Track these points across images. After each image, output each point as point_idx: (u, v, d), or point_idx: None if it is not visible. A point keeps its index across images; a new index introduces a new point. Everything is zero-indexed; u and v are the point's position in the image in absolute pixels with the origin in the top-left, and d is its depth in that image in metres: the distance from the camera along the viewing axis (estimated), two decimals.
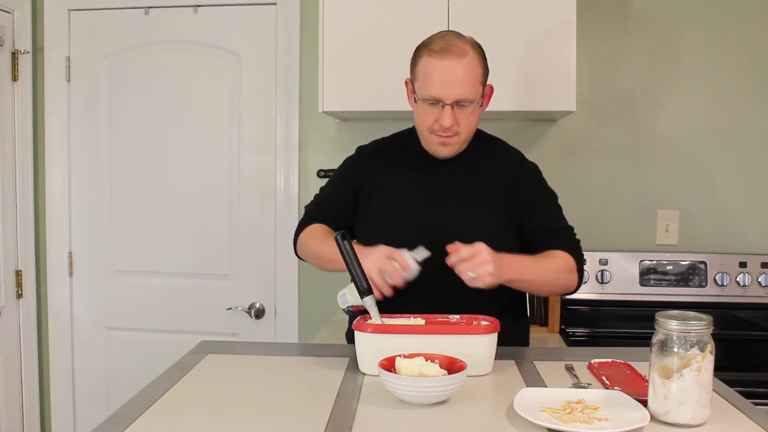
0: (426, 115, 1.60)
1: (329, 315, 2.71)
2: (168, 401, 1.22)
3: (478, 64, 1.58)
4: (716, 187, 2.61)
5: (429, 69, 1.56)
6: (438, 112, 1.57)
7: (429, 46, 1.58)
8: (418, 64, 1.60)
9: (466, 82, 1.55)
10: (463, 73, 1.55)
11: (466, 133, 1.62)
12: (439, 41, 1.58)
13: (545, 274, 1.58)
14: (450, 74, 1.55)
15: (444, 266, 1.56)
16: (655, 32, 2.59)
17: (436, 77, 1.55)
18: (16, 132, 2.71)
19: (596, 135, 2.63)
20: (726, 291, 2.48)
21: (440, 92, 1.55)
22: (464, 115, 1.58)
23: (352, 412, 1.16)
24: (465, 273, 1.42)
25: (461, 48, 1.56)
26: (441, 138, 1.61)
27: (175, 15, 2.73)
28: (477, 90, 1.58)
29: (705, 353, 1.07)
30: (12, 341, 2.72)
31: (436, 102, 1.56)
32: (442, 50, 1.55)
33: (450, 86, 1.55)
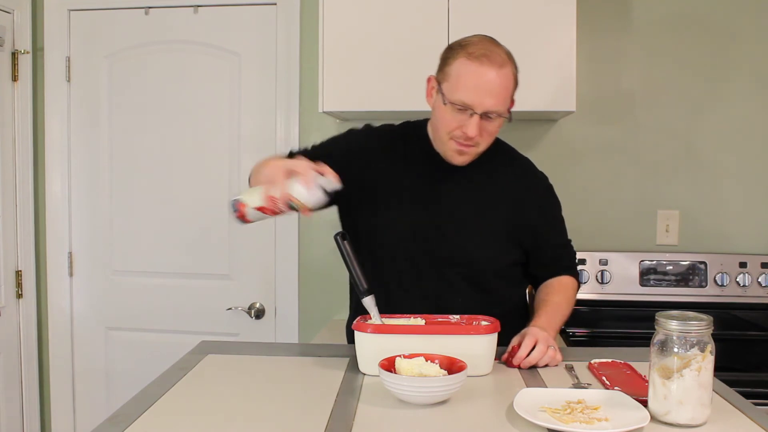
0: (450, 120, 1.52)
1: (329, 315, 2.71)
2: (168, 401, 1.22)
3: (512, 77, 1.53)
4: (716, 187, 2.61)
5: (464, 73, 1.48)
6: (464, 119, 1.50)
7: (467, 49, 1.50)
8: (451, 65, 1.51)
9: (499, 94, 1.49)
10: (499, 83, 1.49)
11: (486, 144, 1.57)
12: (479, 45, 1.50)
13: (567, 311, 1.65)
14: (486, 82, 1.47)
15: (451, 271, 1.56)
16: (655, 32, 2.59)
17: (471, 83, 1.48)
18: (16, 132, 2.71)
19: (596, 135, 2.63)
20: (726, 291, 2.48)
21: (472, 100, 1.48)
22: (489, 126, 1.52)
23: (352, 412, 1.16)
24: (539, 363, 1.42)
25: (501, 57, 1.49)
26: (460, 146, 1.54)
27: (175, 15, 2.73)
28: (506, 103, 1.52)
29: (705, 353, 1.07)
30: (12, 341, 2.72)
31: (464, 108, 1.49)
32: (483, 56, 1.47)
33: (483, 95, 1.47)
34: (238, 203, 1.40)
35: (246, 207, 1.39)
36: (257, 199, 1.37)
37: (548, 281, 1.69)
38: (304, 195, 1.34)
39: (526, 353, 1.40)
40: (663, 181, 2.62)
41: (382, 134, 1.72)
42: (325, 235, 2.67)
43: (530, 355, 1.40)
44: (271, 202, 1.35)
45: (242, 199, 1.40)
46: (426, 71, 2.29)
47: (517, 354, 1.41)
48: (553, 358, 1.42)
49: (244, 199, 1.40)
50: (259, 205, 1.37)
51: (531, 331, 1.45)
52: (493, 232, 1.62)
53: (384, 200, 1.64)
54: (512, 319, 1.55)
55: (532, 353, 1.40)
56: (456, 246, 1.60)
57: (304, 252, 2.73)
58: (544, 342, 1.42)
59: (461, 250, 1.60)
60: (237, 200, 1.40)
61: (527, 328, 1.48)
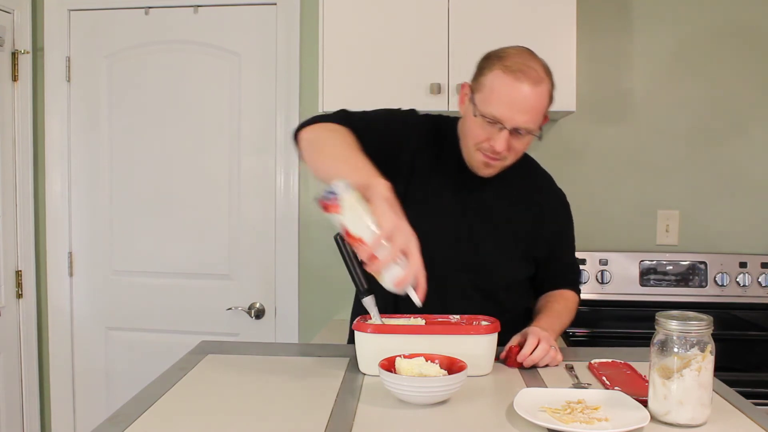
0: (479, 131, 1.48)
1: (329, 315, 2.71)
2: (168, 401, 1.22)
3: (547, 95, 1.48)
4: (716, 187, 2.61)
5: (499, 86, 1.44)
6: (493, 132, 1.46)
7: (504, 61, 1.45)
8: (487, 76, 1.46)
9: (532, 111, 1.44)
10: (534, 101, 1.44)
11: (513, 159, 1.53)
12: (516, 58, 1.45)
13: (567, 320, 1.65)
14: (520, 99, 1.43)
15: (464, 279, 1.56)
16: (655, 32, 2.59)
17: (504, 97, 1.43)
18: (16, 132, 2.71)
19: (596, 135, 2.63)
20: (726, 291, 2.48)
21: (503, 114, 1.43)
22: (518, 142, 1.48)
23: (352, 412, 1.16)
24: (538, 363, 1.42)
25: (538, 74, 1.44)
26: (487, 158, 1.51)
27: (175, 15, 2.73)
28: (539, 121, 1.48)
29: (705, 353, 1.07)
30: (12, 341, 2.72)
31: (494, 122, 1.45)
32: (519, 71, 1.43)
33: (516, 111, 1.43)
34: (335, 199, 1.18)
35: (341, 215, 1.19)
36: (355, 225, 1.18)
37: (550, 292, 1.70)
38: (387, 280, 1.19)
39: (530, 351, 1.40)
40: (663, 181, 2.62)
41: (429, 127, 1.64)
42: (325, 235, 2.67)
43: (533, 353, 1.40)
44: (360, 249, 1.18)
45: (343, 218, 1.19)
46: (426, 71, 2.30)
47: (522, 351, 1.40)
48: (554, 358, 1.42)
49: (345, 218, 1.19)
50: (349, 232, 1.19)
51: (533, 330, 1.45)
52: (512, 247, 1.62)
53: (415, 197, 1.57)
54: (515, 326, 1.54)
55: (536, 352, 1.40)
56: (474, 256, 1.59)
57: (304, 252, 2.73)
58: (546, 341, 1.42)
59: (479, 261, 1.59)
60: (335, 195, 1.18)
61: (529, 328, 1.47)
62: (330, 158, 1.37)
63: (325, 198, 1.19)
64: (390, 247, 1.17)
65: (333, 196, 1.18)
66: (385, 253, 1.16)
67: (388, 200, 1.20)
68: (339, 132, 1.44)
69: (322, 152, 1.41)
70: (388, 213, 1.18)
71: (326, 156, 1.39)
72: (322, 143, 1.42)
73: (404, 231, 1.18)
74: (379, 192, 1.20)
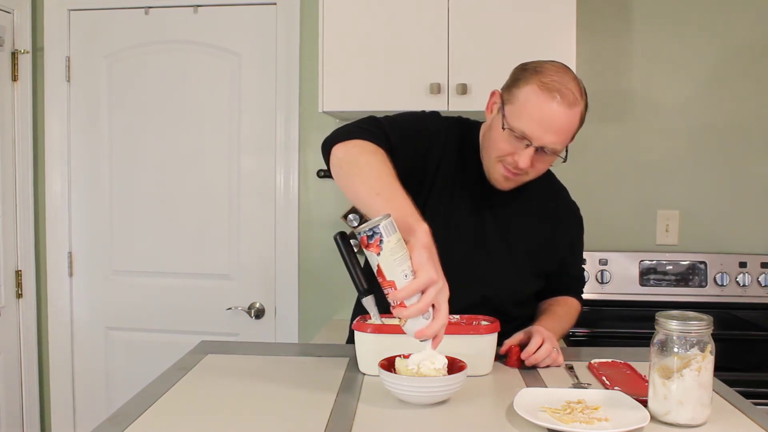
0: (504, 144, 1.44)
1: (329, 315, 2.71)
2: (168, 401, 1.22)
3: (580, 117, 1.43)
4: (716, 187, 2.61)
5: (533, 102, 1.39)
6: (519, 147, 1.42)
7: (542, 77, 1.40)
8: (522, 89, 1.41)
9: (562, 133, 1.41)
10: (566, 123, 1.40)
11: (533, 177, 1.51)
12: (554, 76, 1.40)
13: (568, 325, 1.66)
14: (552, 119, 1.39)
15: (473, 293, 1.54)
16: (655, 32, 2.59)
17: (536, 114, 1.39)
18: (16, 132, 2.71)
19: (596, 135, 2.63)
20: (726, 291, 2.48)
21: (533, 132, 1.40)
22: (542, 160, 1.46)
23: (352, 412, 1.16)
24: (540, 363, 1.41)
25: (574, 95, 1.40)
26: (508, 172, 1.48)
27: (175, 15, 2.73)
28: (566, 142, 1.45)
29: (705, 353, 1.07)
30: (12, 341, 2.72)
31: (521, 138, 1.41)
32: (556, 90, 1.38)
33: (546, 131, 1.39)
34: (378, 240, 1.12)
35: (379, 256, 1.12)
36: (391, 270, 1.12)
37: (554, 298, 1.71)
38: (409, 329, 1.15)
39: (534, 349, 1.39)
40: (663, 181, 2.62)
41: (446, 135, 1.57)
42: (325, 235, 2.67)
43: (536, 352, 1.40)
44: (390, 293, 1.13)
45: (381, 260, 1.13)
46: (426, 71, 2.30)
47: (526, 349, 1.40)
48: (555, 359, 1.42)
49: (383, 261, 1.12)
50: (383, 274, 1.13)
51: (538, 329, 1.44)
52: (525, 262, 1.61)
53: (429, 208, 1.53)
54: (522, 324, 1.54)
55: (539, 351, 1.39)
56: (486, 271, 1.57)
57: (304, 252, 2.73)
58: (550, 342, 1.42)
59: (491, 276, 1.58)
60: (378, 235, 1.11)
61: (534, 327, 1.47)
62: (368, 187, 1.27)
63: (368, 235, 1.12)
64: (421, 298, 1.12)
65: (376, 236, 1.11)
66: (414, 304, 1.12)
67: (428, 248, 1.14)
68: (377, 156, 1.34)
69: (359, 177, 1.30)
70: (427, 264, 1.11)
71: (363, 184, 1.28)
72: (358, 167, 1.32)
73: (438, 284, 1.13)
74: (420, 239, 1.14)
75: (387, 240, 1.11)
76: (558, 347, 1.44)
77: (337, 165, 1.36)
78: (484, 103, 1.56)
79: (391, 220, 1.13)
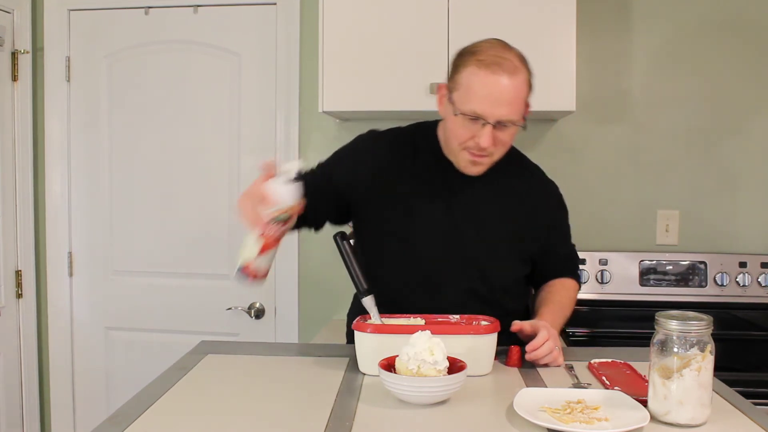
0: (462, 130, 1.46)
1: (329, 315, 2.71)
2: (168, 401, 1.22)
3: (526, 84, 1.46)
4: (716, 187, 2.61)
5: (475, 82, 1.42)
6: (476, 129, 1.44)
7: (477, 56, 1.43)
8: (462, 73, 1.45)
9: (512, 102, 1.43)
10: (513, 92, 1.42)
11: (500, 153, 1.51)
12: (490, 51, 1.43)
13: (568, 312, 1.65)
14: (498, 92, 1.41)
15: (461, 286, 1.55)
16: (655, 32, 2.59)
17: (482, 92, 1.41)
18: (16, 132, 2.71)
19: (596, 135, 2.63)
20: (726, 291, 2.48)
21: (484, 110, 1.41)
22: (503, 135, 1.46)
23: (352, 412, 1.16)
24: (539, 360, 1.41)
25: (513, 64, 1.42)
26: (474, 156, 1.49)
27: (175, 15, 2.73)
28: (520, 111, 1.46)
29: (705, 353, 1.07)
30: (12, 341, 2.72)
31: (476, 118, 1.43)
32: (494, 64, 1.41)
33: (496, 105, 1.41)
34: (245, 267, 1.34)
35: (252, 263, 1.34)
36: (253, 245, 1.32)
37: (551, 282, 1.69)
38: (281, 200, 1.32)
39: (540, 344, 1.39)
40: (663, 181, 2.62)
41: (390, 140, 1.65)
42: (325, 235, 2.65)
43: (539, 349, 1.39)
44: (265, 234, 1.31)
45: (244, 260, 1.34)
46: (426, 71, 2.30)
47: (532, 342, 1.39)
48: (555, 359, 1.42)
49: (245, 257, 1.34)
50: (259, 248, 1.33)
51: (545, 325, 1.43)
52: (506, 248, 1.60)
53: (394, 212, 1.58)
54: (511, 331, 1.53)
55: (542, 348, 1.39)
56: (468, 261, 1.57)
57: (304, 252, 2.73)
58: (554, 340, 1.42)
59: (474, 265, 1.58)
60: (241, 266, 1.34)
61: (540, 321, 1.46)
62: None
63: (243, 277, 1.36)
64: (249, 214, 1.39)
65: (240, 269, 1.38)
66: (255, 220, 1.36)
67: None
68: None
69: None
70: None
71: None
72: None
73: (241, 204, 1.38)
74: None
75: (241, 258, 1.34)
76: (560, 347, 1.44)
77: None
78: None
79: None
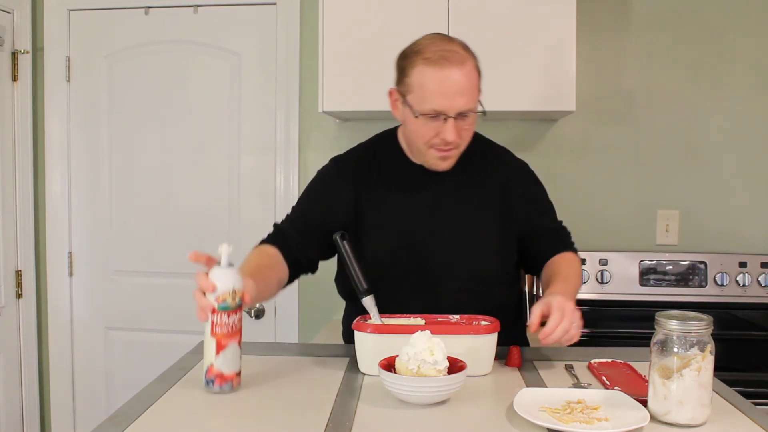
0: (425, 130, 1.47)
1: (329, 315, 2.71)
2: (168, 401, 1.22)
3: (475, 71, 1.47)
4: (716, 187, 2.61)
5: (428, 81, 1.43)
6: (439, 125, 1.45)
7: (423, 54, 1.44)
8: (410, 74, 1.46)
9: (467, 92, 1.44)
10: (465, 82, 1.43)
11: (466, 143, 1.53)
12: (433, 48, 1.44)
13: (577, 282, 1.58)
14: (452, 85, 1.42)
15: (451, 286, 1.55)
16: (655, 32, 2.59)
17: (437, 89, 1.42)
18: (16, 132, 2.71)
19: (596, 135, 2.63)
20: (726, 291, 2.48)
21: (443, 105, 1.43)
22: (465, 125, 1.47)
23: (352, 412, 1.16)
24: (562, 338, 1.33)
25: (460, 54, 1.44)
26: (442, 152, 1.50)
27: (175, 15, 2.73)
28: (476, 98, 1.47)
29: (705, 353, 1.07)
30: (12, 341, 2.72)
31: (436, 115, 1.44)
32: (441, 58, 1.42)
33: (453, 98, 1.42)
34: (208, 371, 1.24)
35: (214, 365, 1.23)
36: (209, 346, 1.23)
37: (550, 260, 1.62)
38: (220, 286, 1.22)
39: (554, 328, 1.31)
40: (663, 181, 2.62)
41: (353, 160, 1.67)
42: None
43: (553, 334, 1.32)
44: (216, 327, 1.22)
45: (206, 363, 1.24)
46: None
47: (545, 330, 1.31)
48: (572, 337, 1.33)
49: (206, 361, 1.24)
50: (214, 346, 1.23)
51: (557, 302, 1.34)
52: (487, 236, 1.59)
53: (370, 226, 1.59)
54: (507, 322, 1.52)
55: (556, 331, 1.31)
56: (452, 259, 1.56)
57: None
58: (568, 318, 1.32)
59: (458, 262, 1.57)
60: (205, 371, 1.24)
61: (551, 297, 1.36)
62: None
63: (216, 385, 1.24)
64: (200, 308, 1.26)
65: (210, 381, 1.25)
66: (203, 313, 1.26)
67: None
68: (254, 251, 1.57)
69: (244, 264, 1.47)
70: None
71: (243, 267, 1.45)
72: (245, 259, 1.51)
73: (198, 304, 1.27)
74: None
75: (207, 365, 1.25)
76: (577, 319, 1.35)
77: None
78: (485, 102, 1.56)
79: None
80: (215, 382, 1.23)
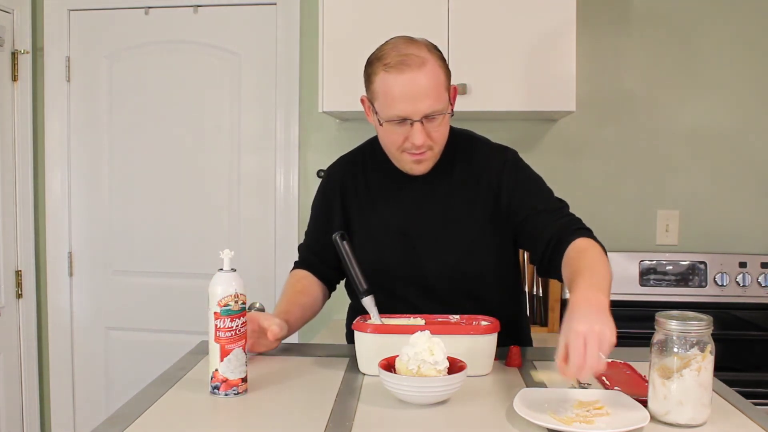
0: (394, 136, 1.46)
1: (329, 315, 2.71)
2: (168, 401, 1.22)
3: (439, 70, 1.44)
4: (716, 187, 2.61)
5: (388, 86, 1.42)
6: (407, 130, 1.44)
7: (383, 61, 1.43)
8: (374, 82, 1.45)
9: (431, 94, 1.41)
10: (427, 84, 1.41)
11: (440, 144, 1.50)
12: (392, 53, 1.43)
13: (604, 270, 1.36)
14: (413, 89, 1.40)
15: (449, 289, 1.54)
16: (655, 32, 2.59)
17: (398, 95, 1.41)
18: (16, 132, 2.71)
19: (596, 135, 2.63)
20: (726, 291, 2.48)
21: (406, 110, 1.41)
22: (435, 127, 1.45)
23: (352, 412, 1.16)
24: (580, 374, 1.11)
25: (419, 57, 1.41)
26: (414, 156, 1.48)
27: (175, 15, 2.73)
28: (444, 98, 1.44)
29: (705, 353, 1.07)
30: (12, 341, 2.72)
31: (403, 120, 1.43)
32: (400, 63, 1.40)
33: (415, 102, 1.40)
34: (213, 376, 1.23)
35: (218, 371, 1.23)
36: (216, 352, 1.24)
37: (566, 257, 1.43)
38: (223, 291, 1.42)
39: (580, 361, 1.10)
40: (663, 181, 2.62)
41: (343, 164, 1.70)
42: None
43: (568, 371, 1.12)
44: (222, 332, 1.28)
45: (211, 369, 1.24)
46: None
47: (570, 363, 1.10)
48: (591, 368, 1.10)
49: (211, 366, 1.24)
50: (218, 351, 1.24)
51: (569, 334, 1.14)
52: (478, 237, 1.55)
53: (358, 234, 1.59)
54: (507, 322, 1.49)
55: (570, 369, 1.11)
56: (444, 262, 1.55)
57: None
58: (578, 353, 1.10)
59: (451, 264, 1.55)
60: (210, 377, 1.24)
61: (566, 326, 1.17)
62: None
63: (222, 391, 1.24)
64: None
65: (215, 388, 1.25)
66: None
67: None
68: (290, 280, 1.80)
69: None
70: None
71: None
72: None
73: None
74: None
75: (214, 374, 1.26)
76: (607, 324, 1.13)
77: None
78: (485, 103, 1.56)
79: None
80: (220, 387, 1.23)
